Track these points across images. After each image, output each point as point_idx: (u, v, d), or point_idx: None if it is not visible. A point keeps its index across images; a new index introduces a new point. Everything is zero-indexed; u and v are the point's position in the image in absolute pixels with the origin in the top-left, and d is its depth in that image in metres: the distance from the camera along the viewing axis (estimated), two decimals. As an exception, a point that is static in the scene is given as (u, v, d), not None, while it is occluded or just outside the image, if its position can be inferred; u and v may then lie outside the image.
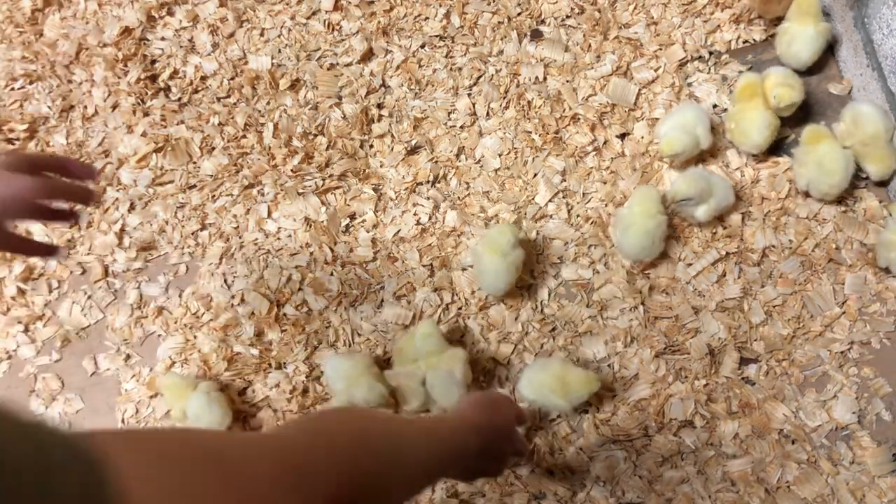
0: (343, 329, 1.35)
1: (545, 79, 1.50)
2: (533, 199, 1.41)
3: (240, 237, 1.46)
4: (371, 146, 1.50)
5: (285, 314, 1.38)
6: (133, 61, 1.58)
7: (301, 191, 1.46)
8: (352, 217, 1.44)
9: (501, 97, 1.49)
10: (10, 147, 1.55)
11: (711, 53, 1.50)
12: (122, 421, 1.33)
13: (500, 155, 1.45)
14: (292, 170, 1.47)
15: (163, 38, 1.62)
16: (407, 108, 1.51)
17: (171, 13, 1.64)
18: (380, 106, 1.52)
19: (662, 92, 1.46)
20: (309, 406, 1.30)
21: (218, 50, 1.60)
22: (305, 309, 1.38)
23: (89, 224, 1.50)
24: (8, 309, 1.44)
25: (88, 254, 1.47)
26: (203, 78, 1.58)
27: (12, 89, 1.61)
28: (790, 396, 1.25)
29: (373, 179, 1.46)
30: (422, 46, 1.56)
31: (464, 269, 1.37)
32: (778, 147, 1.40)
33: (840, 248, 1.33)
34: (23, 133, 1.56)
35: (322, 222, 1.43)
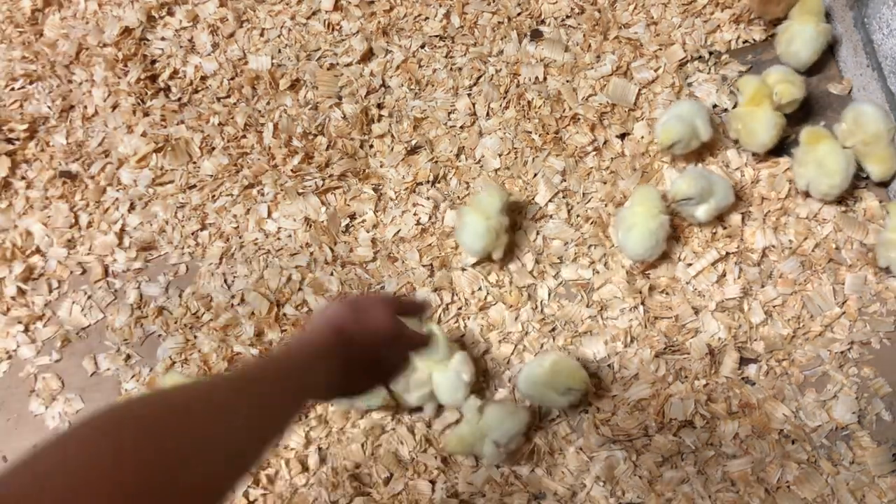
0: (343, 329, 1.35)
1: (545, 79, 1.50)
2: (533, 199, 1.41)
3: (240, 237, 1.46)
4: (371, 146, 1.50)
5: (285, 314, 1.38)
6: (133, 61, 1.58)
7: (301, 191, 1.46)
8: (352, 217, 1.44)
9: (501, 97, 1.49)
10: (10, 147, 1.55)
11: (711, 53, 1.50)
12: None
13: (500, 155, 1.45)
14: (292, 170, 1.47)
15: (163, 38, 1.62)
16: (407, 108, 1.51)
17: (171, 13, 1.64)
18: (380, 106, 1.52)
19: (662, 92, 1.46)
20: (309, 406, 1.30)
21: (218, 50, 1.60)
22: (305, 309, 1.38)
23: (89, 224, 1.50)
24: (8, 309, 1.44)
25: (88, 254, 1.47)
26: (203, 78, 1.58)
27: (12, 89, 1.61)
28: (790, 396, 1.25)
29: (373, 179, 1.46)
30: (422, 46, 1.56)
31: (463, 270, 1.37)
32: (778, 147, 1.39)
33: (840, 248, 1.33)
34: (23, 133, 1.56)
35: (322, 222, 1.43)
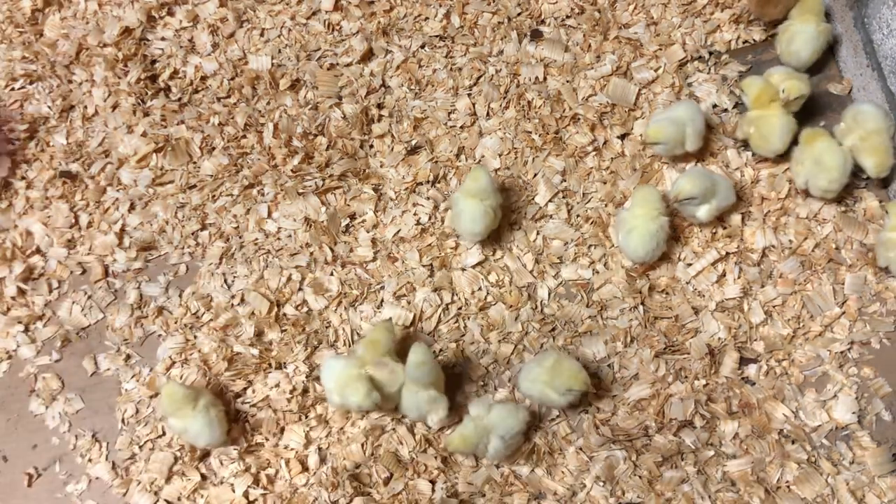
0: (343, 329, 1.35)
1: (545, 79, 1.50)
2: (533, 199, 1.41)
3: (240, 237, 1.46)
4: (371, 146, 1.50)
5: (285, 314, 1.38)
6: (133, 61, 1.58)
7: (301, 191, 1.46)
8: (352, 217, 1.44)
9: (501, 97, 1.50)
10: (11, 147, 1.55)
11: (711, 53, 1.50)
12: (123, 421, 1.33)
13: (500, 155, 1.45)
14: (292, 170, 1.47)
15: (163, 39, 1.62)
16: (407, 108, 1.51)
17: (171, 13, 1.64)
18: (380, 106, 1.52)
19: (662, 92, 1.46)
20: (309, 406, 1.30)
21: (218, 50, 1.60)
22: (305, 309, 1.38)
23: (89, 224, 1.50)
24: (8, 309, 1.44)
25: (88, 254, 1.47)
26: (203, 78, 1.58)
27: (12, 89, 1.61)
28: (790, 396, 1.25)
29: (373, 179, 1.46)
30: (422, 46, 1.56)
31: (463, 270, 1.37)
32: (778, 147, 1.40)
33: (840, 248, 1.33)
34: (23, 133, 1.56)
35: (322, 222, 1.43)
